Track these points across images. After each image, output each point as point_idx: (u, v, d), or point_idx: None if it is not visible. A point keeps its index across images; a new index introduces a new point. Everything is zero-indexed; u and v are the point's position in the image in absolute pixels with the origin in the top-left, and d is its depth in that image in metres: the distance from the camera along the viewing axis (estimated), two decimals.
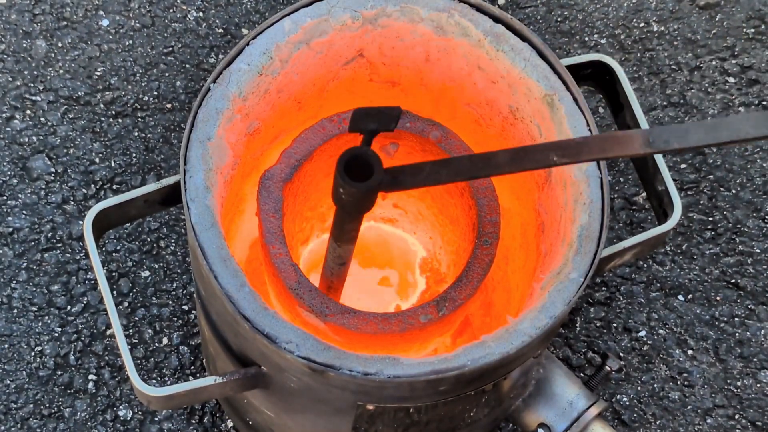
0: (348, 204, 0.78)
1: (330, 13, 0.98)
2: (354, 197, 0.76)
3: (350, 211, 0.81)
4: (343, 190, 0.76)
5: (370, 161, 0.75)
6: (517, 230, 1.08)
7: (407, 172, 0.76)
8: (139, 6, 1.44)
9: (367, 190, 0.75)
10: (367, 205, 0.79)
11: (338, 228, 0.86)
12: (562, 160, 0.72)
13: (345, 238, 0.88)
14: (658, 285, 1.34)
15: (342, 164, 0.75)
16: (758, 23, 1.47)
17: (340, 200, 0.78)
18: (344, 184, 0.75)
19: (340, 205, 0.79)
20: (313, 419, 1.00)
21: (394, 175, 0.75)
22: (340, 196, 0.77)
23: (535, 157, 0.72)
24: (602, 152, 0.71)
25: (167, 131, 1.38)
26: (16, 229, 1.32)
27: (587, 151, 0.71)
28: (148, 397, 0.91)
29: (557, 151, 0.72)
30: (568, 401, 1.07)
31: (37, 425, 1.24)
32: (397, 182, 0.76)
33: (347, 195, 0.76)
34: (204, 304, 0.98)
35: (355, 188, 0.75)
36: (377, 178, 0.74)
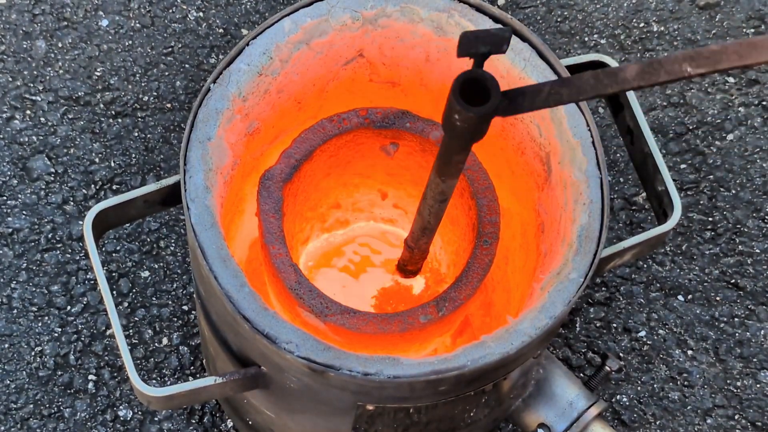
0: (462, 131, 0.73)
1: (330, 13, 0.98)
2: (470, 123, 0.71)
3: (462, 139, 0.75)
4: (459, 116, 0.71)
5: (486, 84, 0.70)
6: (517, 230, 1.08)
7: (526, 93, 0.70)
8: (138, 6, 1.44)
9: (484, 114, 0.70)
10: (481, 131, 0.73)
11: (445, 160, 0.80)
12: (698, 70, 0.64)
13: (451, 171, 0.82)
14: (657, 285, 1.34)
15: (457, 88, 0.70)
16: (758, 23, 1.47)
17: (452, 128, 0.73)
18: (461, 109, 0.70)
19: (453, 132, 0.74)
20: (313, 419, 1.00)
21: (511, 98, 0.70)
22: (455, 122, 0.72)
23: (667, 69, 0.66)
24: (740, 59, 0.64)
25: (167, 131, 1.38)
26: (16, 229, 1.32)
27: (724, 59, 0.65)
28: (148, 397, 0.91)
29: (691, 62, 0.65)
30: (568, 401, 1.07)
31: (37, 425, 1.24)
32: (516, 105, 0.70)
33: (463, 121, 0.71)
34: (204, 305, 0.98)
35: (472, 113, 0.70)
36: (495, 102, 0.69)
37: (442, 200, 0.88)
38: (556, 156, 0.97)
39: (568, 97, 0.70)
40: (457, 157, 0.80)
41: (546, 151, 0.98)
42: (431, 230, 0.94)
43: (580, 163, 0.95)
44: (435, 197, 0.87)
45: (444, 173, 0.83)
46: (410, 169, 1.08)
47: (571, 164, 0.95)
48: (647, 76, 0.67)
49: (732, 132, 1.42)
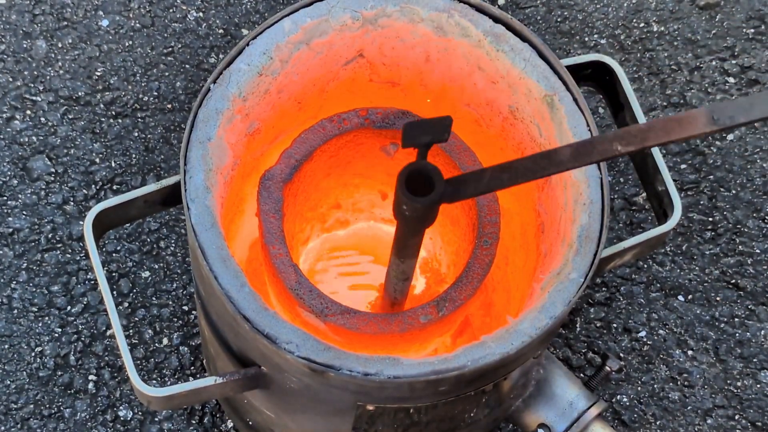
0: (411, 219, 0.78)
1: (330, 13, 0.98)
2: (417, 212, 0.76)
3: (414, 226, 0.80)
4: (407, 207, 0.76)
5: (430, 175, 0.74)
6: (517, 231, 1.08)
7: (468, 181, 0.75)
8: (138, 6, 1.44)
9: (430, 204, 0.75)
10: (430, 218, 0.79)
11: (401, 243, 0.86)
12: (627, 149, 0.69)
13: (408, 253, 0.87)
14: (658, 285, 1.34)
15: (403, 180, 0.74)
16: (758, 23, 1.47)
17: (403, 216, 0.78)
18: (407, 200, 0.74)
19: (404, 220, 0.79)
20: (313, 419, 1.00)
21: (455, 186, 0.75)
22: (404, 212, 0.77)
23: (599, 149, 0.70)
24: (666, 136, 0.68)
25: (167, 131, 1.38)
26: (16, 229, 1.32)
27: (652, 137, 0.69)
28: (148, 397, 0.91)
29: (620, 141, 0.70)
30: (568, 402, 1.07)
31: (37, 425, 1.24)
32: (459, 192, 0.75)
33: (410, 211, 0.76)
34: (204, 305, 0.98)
35: (418, 203, 0.75)
36: (439, 191, 0.74)
37: (404, 279, 0.93)
38: None
39: (508, 181, 0.75)
40: (412, 240, 0.84)
41: None
42: (400, 304, 0.99)
43: None
44: (397, 276, 0.92)
45: (402, 255, 0.87)
46: None
47: None
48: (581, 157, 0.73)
49: (732, 132, 1.42)
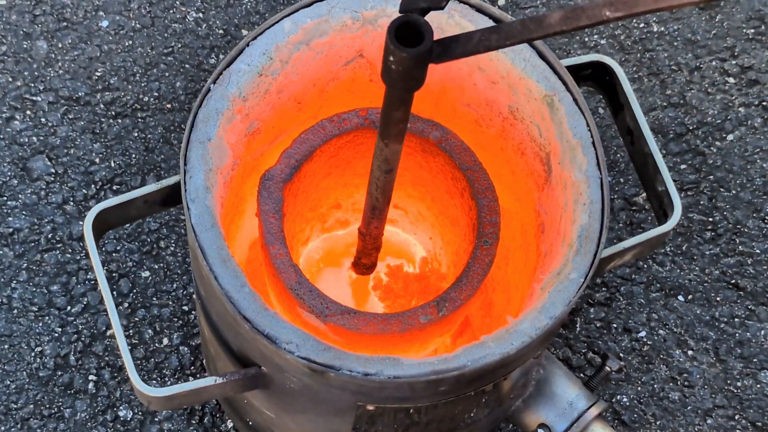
0: (397, 76, 0.74)
1: (330, 13, 0.98)
2: (404, 65, 0.72)
3: (399, 88, 0.76)
4: (393, 57, 0.72)
5: (421, 29, 0.71)
6: (517, 231, 1.08)
7: (458, 40, 0.72)
8: (138, 7, 1.44)
9: (417, 55, 0.71)
10: (416, 77, 0.74)
11: (386, 117, 0.80)
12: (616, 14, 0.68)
13: (393, 132, 0.82)
14: (658, 285, 1.34)
15: (392, 30, 0.71)
16: (758, 24, 1.47)
17: (389, 74, 0.74)
18: (394, 49, 0.71)
19: (389, 79, 0.75)
20: (313, 420, 1.00)
21: (444, 45, 0.72)
22: (389, 66, 0.73)
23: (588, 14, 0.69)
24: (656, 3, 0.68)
25: (167, 132, 1.38)
26: (16, 229, 1.32)
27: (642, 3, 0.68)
28: (148, 397, 0.91)
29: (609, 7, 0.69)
30: (568, 402, 1.07)
31: (37, 425, 1.24)
32: (448, 50, 0.72)
33: (396, 63, 0.72)
34: (204, 305, 0.98)
35: (405, 53, 0.71)
36: (428, 44, 0.71)
37: (387, 170, 0.87)
38: (557, 156, 0.97)
39: (497, 42, 0.72)
40: (397, 113, 0.79)
41: (546, 152, 0.98)
42: (380, 210, 0.93)
43: (580, 164, 0.95)
44: (380, 166, 0.86)
45: (385, 134, 0.82)
46: (410, 170, 1.08)
47: (571, 164, 0.95)
48: (569, 21, 0.70)
49: (732, 132, 1.42)
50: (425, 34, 0.71)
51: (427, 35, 0.71)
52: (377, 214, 0.94)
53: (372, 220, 0.95)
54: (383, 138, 0.83)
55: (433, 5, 0.73)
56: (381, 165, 0.86)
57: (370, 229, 0.97)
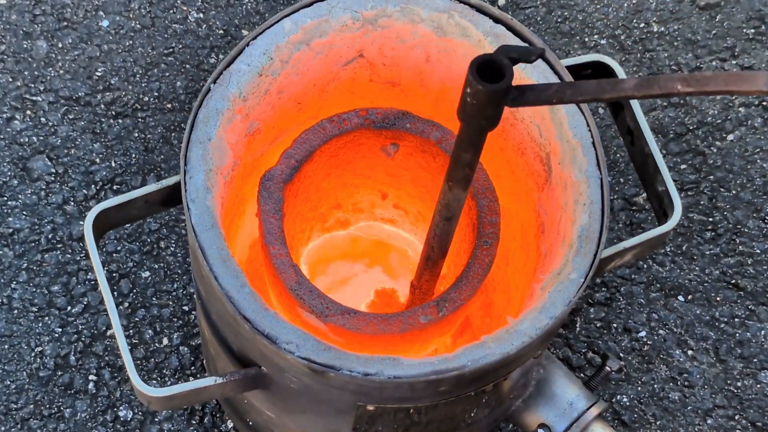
0: (471, 111, 0.75)
1: (330, 13, 0.98)
2: (479, 101, 0.73)
3: (473, 125, 0.77)
4: (470, 90, 0.73)
5: (503, 69, 0.73)
6: (517, 231, 1.08)
7: (534, 89, 0.74)
8: (139, 7, 1.44)
9: (493, 91, 0.72)
10: (491, 117, 0.75)
11: (455, 158, 0.81)
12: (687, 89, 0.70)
13: (459, 176, 0.82)
14: (658, 285, 1.34)
15: (474, 66, 0.72)
16: (758, 24, 1.47)
17: (464, 107, 0.75)
18: (473, 82, 0.72)
19: (463, 113, 0.76)
20: (313, 420, 1.00)
21: (521, 90, 0.74)
22: (465, 100, 0.74)
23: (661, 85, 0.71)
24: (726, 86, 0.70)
25: (167, 132, 1.38)
26: (16, 229, 1.32)
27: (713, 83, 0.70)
28: (148, 397, 0.91)
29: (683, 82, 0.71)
30: (568, 402, 1.07)
31: (37, 426, 1.24)
32: (524, 96, 0.74)
33: (473, 96, 0.73)
34: (204, 305, 0.98)
35: (482, 87, 0.72)
36: (507, 82, 0.72)
37: (447, 217, 0.87)
38: (557, 156, 0.97)
39: (570, 97, 0.74)
40: (466, 155, 0.80)
41: (546, 152, 0.98)
42: (434, 261, 0.94)
43: (580, 164, 0.95)
44: (440, 212, 0.87)
45: (451, 177, 0.83)
46: (410, 170, 1.08)
47: (571, 165, 0.95)
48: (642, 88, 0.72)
49: (732, 132, 1.42)
50: (506, 73, 0.72)
51: (507, 74, 0.72)
52: (430, 266, 0.95)
53: (424, 272, 0.96)
54: (449, 180, 0.84)
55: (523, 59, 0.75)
56: (442, 210, 0.87)
57: (421, 282, 0.98)
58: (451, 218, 0.87)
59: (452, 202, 0.85)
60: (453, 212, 0.87)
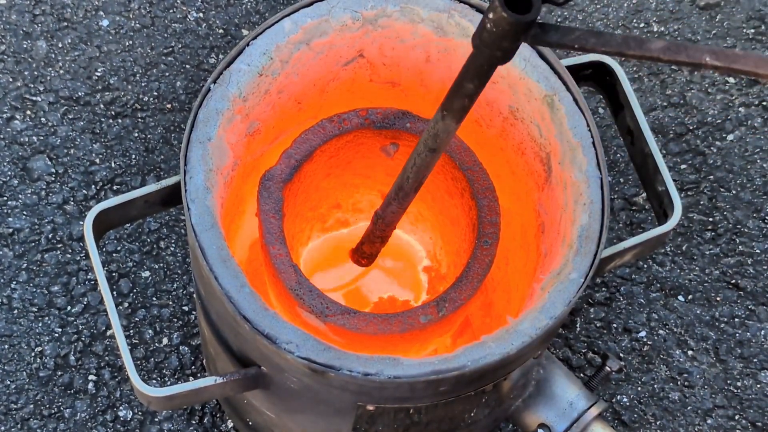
0: (488, 38, 0.71)
1: (330, 13, 0.98)
2: (499, 30, 0.69)
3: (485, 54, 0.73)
4: (493, 16, 0.69)
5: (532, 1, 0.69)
6: (517, 231, 1.08)
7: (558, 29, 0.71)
8: (139, 6, 1.44)
9: (517, 22, 0.69)
10: (506, 50, 0.71)
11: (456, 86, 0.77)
12: (714, 62, 0.67)
13: (456, 107, 0.79)
14: (658, 285, 1.34)
15: None
16: (758, 24, 1.47)
17: (480, 35, 0.71)
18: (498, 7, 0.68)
19: (479, 40, 0.72)
20: (313, 420, 1.00)
21: (545, 28, 0.71)
22: (484, 26, 0.70)
23: (689, 53, 0.69)
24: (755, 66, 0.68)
25: (167, 132, 1.38)
26: (16, 229, 1.32)
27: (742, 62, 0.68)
28: (148, 397, 0.91)
29: (711, 54, 0.69)
30: (568, 402, 1.07)
31: (37, 425, 1.24)
32: (546, 35, 0.70)
33: (494, 23, 0.69)
34: (204, 305, 0.98)
35: (506, 14, 0.68)
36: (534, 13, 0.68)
37: (432, 148, 0.83)
38: (557, 156, 0.97)
39: (593, 45, 0.71)
40: (469, 84, 0.77)
41: (546, 152, 0.98)
42: (405, 193, 0.90)
43: (580, 164, 0.95)
44: (426, 141, 0.83)
45: (448, 106, 0.79)
46: None
47: (571, 164, 0.95)
48: (670, 52, 0.69)
49: (732, 132, 1.42)
50: (534, 4, 0.69)
51: (536, 6, 0.69)
52: (401, 197, 0.91)
53: (392, 203, 0.92)
54: (444, 109, 0.79)
55: None
56: (428, 140, 0.83)
57: (387, 212, 0.94)
58: (435, 150, 0.83)
59: (441, 132, 0.82)
60: (439, 144, 0.83)
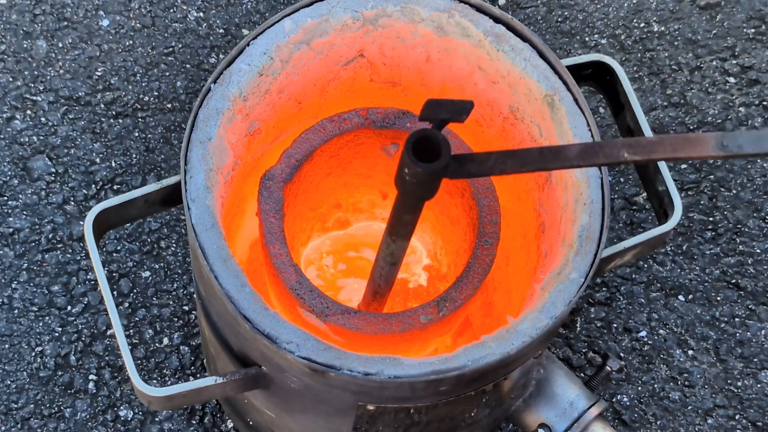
0: (411, 188, 0.75)
1: (330, 13, 0.98)
2: (419, 179, 0.74)
3: (412, 196, 0.78)
4: (408, 170, 0.73)
5: (438, 144, 0.72)
6: (517, 231, 1.08)
7: (474, 160, 0.74)
8: (139, 6, 1.44)
9: (432, 171, 0.72)
10: (430, 190, 0.76)
11: (396, 218, 0.82)
12: (633, 157, 0.70)
13: (401, 232, 0.84)
14: (658, 285, 1.34)
15: (410, 144, 0.72)
16: (758, 23, 1.47)
17: (402, 183, 0.75)
18: (410, 163, 0.72)
19: (402, 188, 0.76)
20: (313, 419, 1.00)
21: (461, 162, 0.73)
22: (404, 177, 0.74)
23: (606, 152, 0.71)
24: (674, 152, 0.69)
25: (168, 131, 1.38)
26: (16, 229, 1.32)
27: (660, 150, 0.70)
28: (148, 397, 0.91)
29: (628, 149, 0.70)
30: (568, 401, 1.07)
31: (37, 425, 1.24)
32: (463, 169, 0.73)
33: (411, 176, 0.73)
34: (204, 305, 0.98)
35: (420, 168, 0.72)
36: (444, 161, 0.72)
37: (393, 263, 0.90)
38: None
39: (512, 168, 0.74)
40: (408, 216, 0.82)
41: None
42: (381, 295, 0.97)
43: None
44: (385, 258, 0.89)
45: (394, 233, 0.85)
46: None
47: None
48: (587, 156, 0.72)
49: (732, 132, 1.42)
50: (442, 150, 0.72)
51: (444, 152, 0.72)
52: (378, 298, 0.97)
53: (372, 302, 0.98)
54: (391, 235, 0.85)
55: (454, 118, 0.75)
56: (386, 257, 0.89)
57: (370, 309, 1.00)
58: (395, 263, 0.91)
59: (396, 251, 0.88)
60: (397, 259, 0.90)
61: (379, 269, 0.92)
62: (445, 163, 0.72)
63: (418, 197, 0.78)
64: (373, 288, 0.96)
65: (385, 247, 0.88)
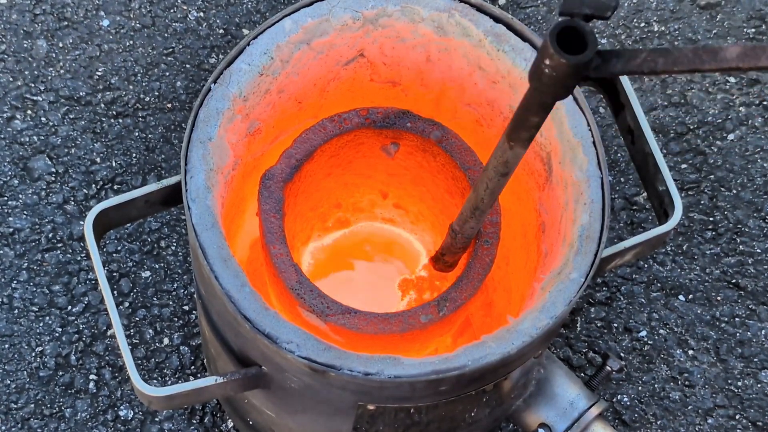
0: (549, 81, 0.70)
1: (331, 13, 0.98)
2: (560, 71, 0.68)
3: (547, 93, 0.72)
4: (550, 62, 0.68)
5: (585, 36, 0.68)
6: (517, 230, 1.08)
7: (621, 56, 0.69)
8: (139, 6, 1.44)
9: (577, 63, 0.67)
10: (567, 85, 0.70)
11: (519, 120, 0.76)
12: None
13: (522, 137, 0.78)
14: (658, 285, 1.34)
15: (554, 33, 0.67)
16: (759, 23, 1.47)
17: (540, 77, 0.70)
18: (554, 53, 0.67)
19: (539, 83, 0.71)
20: (313, 419, 1.00)
21: (605, 58, 0.69)
22: (542, 69, 0.69)
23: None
24: None
25: (168, 131, 1.38)
26: (16, 229, 1.32)
27: None
28: (148, 397, 0.91)
29: None
30: (568, 401, 1.07)
31: (38, 425, 1.24)
32: (608, 65, 0.69)
33: (552, 68, 0.68)
34: (205, 305, 0.98)
35: (564, 59, 0.67)
36: (590, 53, 0.67)
37: (504, 173, 0.83)
38: (557, 156, 0.97)
39: (663, 66, 0.68)
40: (535, 118, 0.76)
41: (547, 151, 0.98)
42: (482, 211, 0.90)
43: (580, 163, 0.95)
44: (497, 168, 0.83)
45: (514, 137, 0.79)
46: (411, 169, 1.08)
47: (572, 164, 0.95)
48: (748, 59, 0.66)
49: (733, 132, 1.42)
50: (589, 42, 0.68)
51: (591, 44, 0.68)
52: (477, 215, 0.91)
53: (470, 220, 0.92)
54: (510, 140, 0.79)
55: (598, 14, 0.70)
56: (498, 167, 0.83)
57: (465, 228, 0.94)
58: (507, 173, 0.84)
59: (512, 159, 0.81)
60: (510, 168, 0.83)
61: (487, 180, 0.85)
62: (590, 57, 0.67)
63: (552, 95, 0.72)
64: (474, 202, 0.89)
65: (500, 155, 0.81)
